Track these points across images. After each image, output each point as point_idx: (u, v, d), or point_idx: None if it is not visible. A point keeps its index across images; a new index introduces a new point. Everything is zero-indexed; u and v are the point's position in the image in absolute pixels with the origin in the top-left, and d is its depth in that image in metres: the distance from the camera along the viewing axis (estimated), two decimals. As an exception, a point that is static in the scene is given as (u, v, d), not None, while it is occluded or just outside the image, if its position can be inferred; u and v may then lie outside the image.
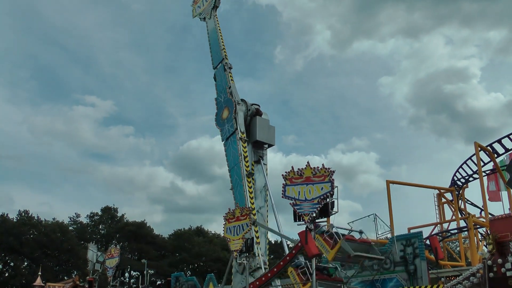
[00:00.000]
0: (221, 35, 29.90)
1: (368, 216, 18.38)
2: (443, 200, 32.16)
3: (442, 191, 31.96)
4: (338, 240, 16.12)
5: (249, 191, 23.92)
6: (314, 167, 19.14)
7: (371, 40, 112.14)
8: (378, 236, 18.12)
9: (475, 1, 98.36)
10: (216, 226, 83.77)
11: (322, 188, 18.43)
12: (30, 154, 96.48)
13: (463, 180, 31.86)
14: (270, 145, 26.92)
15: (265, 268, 21.82)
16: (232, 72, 28.28)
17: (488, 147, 28.90)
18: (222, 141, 26.95)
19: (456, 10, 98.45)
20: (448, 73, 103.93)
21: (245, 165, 24.84)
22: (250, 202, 23.67)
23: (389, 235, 18.99)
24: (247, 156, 25.36)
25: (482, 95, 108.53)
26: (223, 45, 29.31)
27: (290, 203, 18.91)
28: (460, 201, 31.78)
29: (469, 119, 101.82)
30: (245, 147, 25.44)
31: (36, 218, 57.05)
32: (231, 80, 27.73)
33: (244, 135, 25.85)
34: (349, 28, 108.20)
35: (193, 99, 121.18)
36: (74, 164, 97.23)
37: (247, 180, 24.42)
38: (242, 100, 26.81)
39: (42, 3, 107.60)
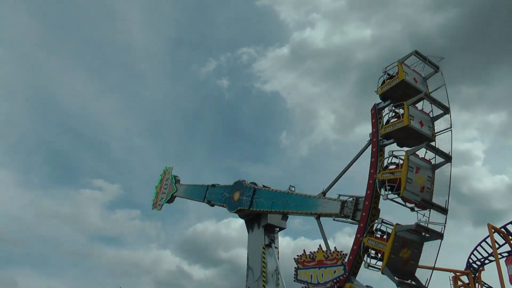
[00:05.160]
0: None
1: None
2: (459, 283, 31.32)
3: (458, 274, 31.21)
4: (392, 226, 17.30)
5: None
6: (326, 250, 19.10)
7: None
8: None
9: (472, 86, 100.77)
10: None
11: (334, 272, 18.31)
12: (35, 238, 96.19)
13: (478, 263, 31.23)
14: (281, 228, 26.76)
15: None
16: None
17: (502, 229, 28.57)
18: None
19: (455, 94, 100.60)
20: (452, 155, 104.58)
21: None
22: None
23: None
24: None
25: (487, 177, 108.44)
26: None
27: (302, 287, 18.70)
28: (477, 284, 30.93)
29: (475, 202, 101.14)
30: None
31: (42, 303, 55.83)
32: None
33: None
34: (352, 112, 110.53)
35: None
36: (80, 247, 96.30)
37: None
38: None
39: (59, 91, 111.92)
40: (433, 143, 19.18)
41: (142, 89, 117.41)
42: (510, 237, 28.43)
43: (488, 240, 28.70)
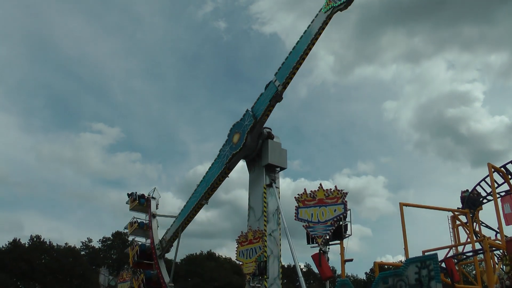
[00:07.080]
0: (310, 48, 24.45)
1: None
2: (457, 222, 31.77)
3: (456, 213, 31.59)
4: None
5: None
6: (327, 189, 19.16)
7: (373, 65, 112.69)
8: None
9: (474, 25, 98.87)
10: (226, 251, 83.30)
11: (335, 210, 18.43)
12: (38, 180, 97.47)
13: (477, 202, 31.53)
14: (282, 168, 26.76)
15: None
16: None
17: (502, 168, 28.64)
18: (216, 157, 27.32)
19: (456, 35, 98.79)
20: (451, 97, 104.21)
21: (206, 196, 26.66)
22: None
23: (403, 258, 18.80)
24: (216, 188, 26.96)
25: (486, 118, 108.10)
26: (299, 64, 24.41)
27: (303, 226, 18.88)
28: (474, 223, 31.37)
29: (474, 142, 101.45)
30: (220, 180, 26.82)
31: (48, 243, 57.13)
32: (268, 113, 25.09)
33: (230, 171, 26.69)
34: (352, 54, 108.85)
35: (204, 125, 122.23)
36: (83, 189, 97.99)
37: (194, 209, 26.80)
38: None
39: (57, 34, 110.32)
40: None
41: (140, 31, 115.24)
42: (510, 177, 28.57)
43: (487, 179, 28.83)
